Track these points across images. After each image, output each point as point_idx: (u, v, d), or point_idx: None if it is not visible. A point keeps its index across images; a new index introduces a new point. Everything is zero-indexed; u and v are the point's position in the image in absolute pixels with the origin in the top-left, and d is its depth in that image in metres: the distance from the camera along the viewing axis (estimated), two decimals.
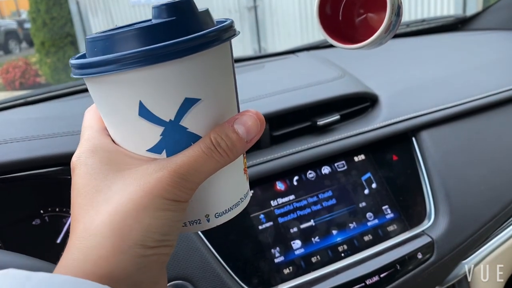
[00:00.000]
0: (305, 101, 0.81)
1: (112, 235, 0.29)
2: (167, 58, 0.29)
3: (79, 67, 0.30)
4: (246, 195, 0.38)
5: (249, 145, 0.34)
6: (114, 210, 0.30)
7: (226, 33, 0.32)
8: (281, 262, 0.69)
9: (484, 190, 0.82)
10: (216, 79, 0.32)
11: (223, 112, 0.33)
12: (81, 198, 0.32)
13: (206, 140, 0.32)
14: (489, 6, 1.50)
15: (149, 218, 0.30)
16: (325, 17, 0.38)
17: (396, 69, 1.08)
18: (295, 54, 1.23)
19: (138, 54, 0.28)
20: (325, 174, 0.78)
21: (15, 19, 9.62)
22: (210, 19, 0.33)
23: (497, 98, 0.93)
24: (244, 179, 0.38)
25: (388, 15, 0.34)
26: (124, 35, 0.30)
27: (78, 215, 0.31)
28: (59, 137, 0.67)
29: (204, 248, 0.65)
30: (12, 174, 0.63)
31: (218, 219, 0.36)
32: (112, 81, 0.30)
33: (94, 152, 0.33)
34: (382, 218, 0.76)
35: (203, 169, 0.32)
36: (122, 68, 0.29)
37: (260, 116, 0.34)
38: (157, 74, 0.29)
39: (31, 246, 0.68)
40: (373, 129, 0.82)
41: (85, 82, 0.32)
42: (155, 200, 0.30)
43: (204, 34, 0.30)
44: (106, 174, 0.32)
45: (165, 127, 0.31)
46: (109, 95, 0.31)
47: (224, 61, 0.33)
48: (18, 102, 0.95)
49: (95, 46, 0.31)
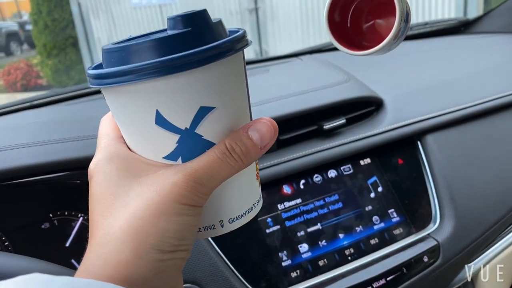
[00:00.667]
0: (311, 105, 0.82)
1: (130, 241, 0.30)
2: (183, 68, 0.29)
3: (97, 77, 0.31)
4: (258, 201, 0.39)
5: (263, 151, 0.34)
6: (131, 216, 0.30)
7: (239, 43, 0.33)
8: (288, 265, 0.70)
9: (489, 193, 0.83)
10: (230, 87, 0.33)
11: (237, 120, 0.34)
12: (100, 205, 0.32)
13: (221, 146, 0.32)
14: (492, 10, 1.50)
15: (165, 223, 0.30)
16: (334, 24, 0.38)
17: (400, 73, 1.08)
18: (298, 57, 1.24)
19: (155, 65, 0.29)
20: (331, 178, 0.78)
21: (16, 21, 9.62)
22: (223, 29, 0.34)
23: (501, 101, 0.94)
24: (257, 185, 0.39)
25: (397, 22, 0.35)
26: (141, 46, 0.31)
27: (97, 222, 0.32)
28: (69, 142, 0.67)
29: (212, 252, 0.65)
30: (23, 179, 0.63)
31: (232, 225, 0.37)
32: (129, 91, 0.31)
33: (111, 159, 0.34)
34: (388, 222, 0.77)
35: (217, 174, 0.32)
36: (140, 78, 0.29)
37: (274, 123, 0.35)
38: (173, 84, 0.30)
39: (40, 250, 0.69)
40: (379, 133, 0.82)
41: (102, 91, 0.33)
42: (171, 205, 0.30)
43: (218, 45, 0.31)
44: (123, 181, 0.32)
45: (181, 135, 0.32)
46: (126, 105, 0.32)
47: (237, 70, 0.34)
48: (24, 106, 0.95)
49: (112, 57, 0.32)
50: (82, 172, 0.66)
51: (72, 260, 0.69)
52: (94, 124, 0.76)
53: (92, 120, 0.79)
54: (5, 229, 0.67)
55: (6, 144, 0.65)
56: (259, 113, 0.67)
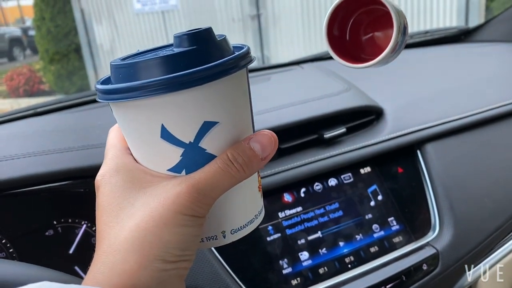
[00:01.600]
0: (312, 114, 0.83)
1: (134, 251, 0.31)
2: (188, 85, 0.31)
3: (105, 92, 0.32)
4: (260, 212, 0.40)
5: (264, 162, 0.36)
6: (136, 227, 0.32)
7: (243, 61, 0.34)
8: (289, 273, 0.70)
9: (488, 202, 0.83)
10: (234, 102, 0.34)
11: (240, 133, 0.35)
12: (106, 216, 0.33)
13: (223, 157, 0.34)
14: (492, 18, 1.51)
15: (168, 234, 0.31)
16: (333, 38, 0.39)
17: (400, 82, 1.09)
18: (300, 65, 1.25)
19: (162, 82, 0.30)
20: (332, 186, 0.79)
21: (19, 27, 9.67)
22: (227, 46, 0.35)
23: (500, 111, 0.95)
24: (259, 196, 0.40)
25: (394, 35, 0.35)
26: (148, 62, 0.32)
27: (103, 232, 0.33)
28: (73, 151, 0.69)
29: (214, 259, 0.66)
30: (29, 188, 0.64)
31: (234, 235, 0.37)
32: (136, 106, 0.32)
33: (117, 171, 0.35)
34: (388, 230, 0.78)
35: (219, 184, 0.33)
36: (146, 94, 0.30)
37: (274, 135, 0.36)
38: (178, 100, 0.31)
39: (44, 256, 0.70)
40: (379, 142, 0.83)
41: (110, 105, 0.34)
42: (174, 216, 0.32)
43: (222, 63, 0.32)
44: (129, 192, 0.33)
45: (185, 148, 0.33)
46: (133, 119, 0.33)
47: (241, 86, 0.35)
48: (28, 113, 0.96)
49: (120, 72, 0.33)
50: (85, 181, 0.67)
51: (75, 267, 0.70)
52: (98, 133, 0.78)
53: (95, 129, 0.80)
54: (10, 236, 0.68)
55: (13, 153, 0.66)
56: (260, 122, 0.68)
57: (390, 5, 0.34)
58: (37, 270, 0.46)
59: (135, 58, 0.35)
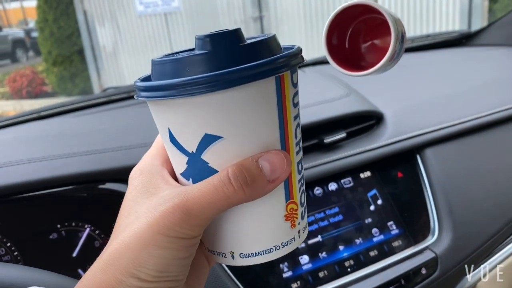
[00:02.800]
0: (313, 119, 0.84)
1: (113, 265, 0.31)
2: (188, 93, 0.29)
3: (141, 90, 0.32)
4: (287, 243, 0.35)
5: (270, 186, 0.32)
6: (121, 241, 0.31)
7: (253, 72, 0.29)
8: (289, 277, 0.71)
9: (487, 207, 0.84)
10: (243, 118, 0.30)
11: (251, 152, 0.31)
12: (119, 217, 0.34)
13: (222, 173, 0.31)
14: (494, 22, 1.52)
15: (146, 255, 0.30)
16: (332, 46, 0.40)
17: (401, 86, 1.10)
18: (301, 69, 1.26)
19: (163, 86, 0.29)
20: (332, 191, 0.80)
21: (22, 28, 9.69)
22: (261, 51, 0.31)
23: (501, 115, 0.95)
24: (286, 227, 0.35)
25: (392, 44, 0.35)
26: (168, 64, 0.31)
27: (112, 233, 0.34)
28: (77, 156, 0.70)
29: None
30: (34, 193, 0.65)
31: (244, 260, 0.35)
32: (153, 105, 0.32)
33: (142, 173, 0.35)
34: (388, 234, 0.78)
35: (211, 204, 0.30)
36: (153, 97, 0.30)
37: (287, 157, 0.32)
38: (181, 105, 0.30)
39: (48, 260, 0.71)
40: (379, 147, 0.84)
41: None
42: (155, 237, 0.30)
43: (226, 73, 0.29)
44: (140, 198, 0.33)
45: (189, 157, 0.32)
46: (154, 118, 0.33)
47: (255, 99, 0.30)
48: (32, 117, 0.97)
49: (155, 69, 0.32)
50: (89, 185, 0.68)
51: (79, 270, 0.71)
52: (101, 137, 0.79)
53: (99, 133, 0.81)
54: (15, 239, 0.69)
55: (18, 159, 0.67)
56: None
57: (388, 14, 0.35)
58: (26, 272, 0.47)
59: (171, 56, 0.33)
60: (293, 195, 0.35)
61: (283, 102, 0.32)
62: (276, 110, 0.31)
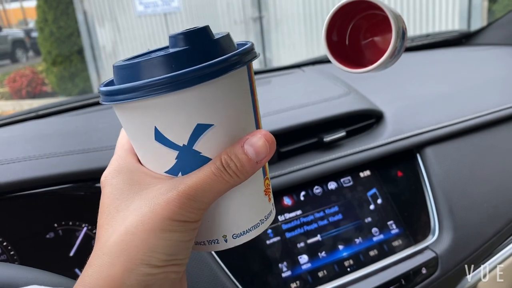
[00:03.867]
0: (312, 118, 0.83)
1: (121, 255, 0.31)
2: (178, 87, 0.30)
3: (103, 94, 0.32)
4: (267, 217, 0.39)
5: (259, 166, 0.34)
6: (125, 231, 0.32)
7: (235, 60, 0.32)
8: (288, 276, 0.71)
9: (488, 206, 0.83)
10: (230, 104, 0.33)
11: (238, 136, 0.34)
12: (104, 218, 0.34)
13: (217, 161, 0.33)
14: (493, 22, 1.51)
15: (155, 239, 0.31)
16: (332, 43, 0.39)
17: (401, 85, 1.10)
18: (301, 68, 1.25)
19: (150, 84, 0.30)
20: (331, 190, 0.79)
21: (22, 28, 9.71)
22: (228, 44, 0.34)
23: (501, 114, 0.95)
24: (265, 201, 0.38)
25: (393, 41, 0.35)
26: (141, 64, 0.31)
27: (99, 234, 0.34)
28: (74, 154, 0.69)
29: (213, 262, 0.67)
30: (30, 191, 0.65)
31: (236, 240, 0.37)
32: (130, 108, 0.32)
33: (119, 172, 0.35)
34: (387, 234, 0.78)
35: (212, 189, 0.33)
36: (136, 97, 0.30)
37: (270, 137, 0.35)
38: (169, 102, 0.31)
39: (45, 259, 0.70)
40: (379, 146, 0.84)
41: (113, 106, 0.34)
42: (162, 222, 0.31)
43: (213, 64, 0.31)
44: (127, 194, 0.34)
45: (179, 151, 0.33)
46: (129, 121, 0.33)
47: (238, 86, 0.33)
48: (30, 116, 0.97)
49: (119, 74, 0.33)
50: (86, 184, 0.67)
51: (76, 269, 0.71)
52: (99, 136, 0.78)
53: (96, 132, 0.81)
54: (11, 238, 0.68)
55: (14, 157, 0.67)
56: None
57: (389, 10, 0.34)
58: (27, 272, 0.46)
59: (134, 59, 0.34)
60: (267, 172, 0.39)
61: (252, 86, 0.35)
62: (250, 94, 0.35)
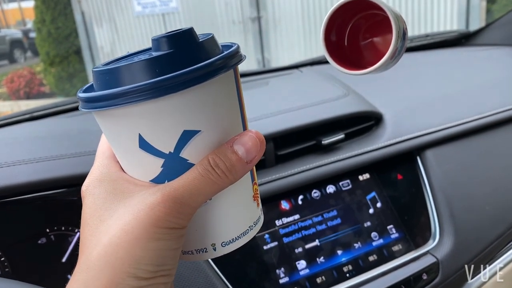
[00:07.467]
0: (310, 120, 0.82)
1: (106, 268, 0.30)
2: (161, 93, 0.28)
3: (83, 100, 0.31)
4: (256, 223, 0.37)
5: (249, 166, 0.33)
6: (108, 242, 0.30)
7: (221, 64, 0.31)
8: (286, 282, 0.69)
9: (489, 210, 0.82)
10: (217, 109, 0.31)
11: (226, 141, 0.33)
12: (87, 229, 0.32)
13: (204, 162, 0.31)
14: (493, 22, 1.50)
15: (141, 250, 0.30)
16: (331, 44, 0.38)
17: (400, 86, 1.08)
18: (299, 69, 1.24)
19: (131, 90, 0.28)
20: (330, 193, 0.78)
21: (20, 29, 9.69)
22: (212, 47, 0.33)
23: (501, 116, 0.94)
24: (254, 206, 0.37)
25: (394, 41, 0.34)
26: (122, 69, 0.30)
27: (83, 246, 0.32)
28: (66, 158, 0.67)
29: (209, 269, 0.65)
30: (21, 196, 0.63)
31: (225, 248, 0.35)
32: (111, 115, 0.30)
33: (101, 181, 0.33)
34: (387, 238, 0.76)
35: (200, 191, 0.31)
36: (117, 104, 0.29)
37: (260, 136, 0.34)
38: (153, 108, 0.29)
39: (37, 265, 0.68)
40: (378, 148, 0.82)
41: (93, 114, 0.32)
42: (147, 230, 0.30)
43: (196, 69, 0.29)
44: (110, 204, 0.32)
45: (165, 159, 0.31)
46: (111, 128, 0.31)
47: (225, 90, 0.32)
48: (24, 117, 0.95)
49: (98, 79, 0.31)
50: (78, 189, 0.66)
51: (68, 276, 0.69)
52: (92, 139, 0.76)
53: (89, 134, 0.79)
54: (2, 244, 0.66)
55: (3, 161, 0.65)
56: (257, 128, 0.67)
57: (389, 9, 0.33)
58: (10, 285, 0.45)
59: (115, 63, 0.33)
60: (255, 176, 0.38)
61: (239, 88, 0.34)
62: (237, 98, 0.34)
